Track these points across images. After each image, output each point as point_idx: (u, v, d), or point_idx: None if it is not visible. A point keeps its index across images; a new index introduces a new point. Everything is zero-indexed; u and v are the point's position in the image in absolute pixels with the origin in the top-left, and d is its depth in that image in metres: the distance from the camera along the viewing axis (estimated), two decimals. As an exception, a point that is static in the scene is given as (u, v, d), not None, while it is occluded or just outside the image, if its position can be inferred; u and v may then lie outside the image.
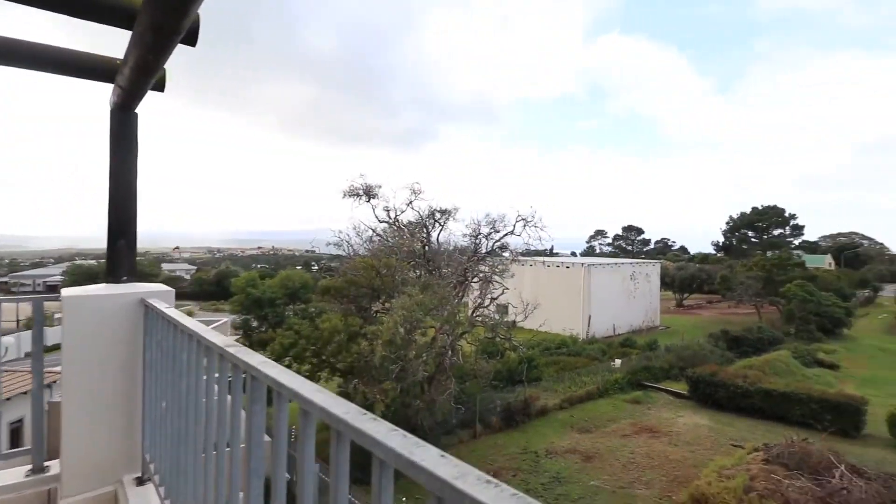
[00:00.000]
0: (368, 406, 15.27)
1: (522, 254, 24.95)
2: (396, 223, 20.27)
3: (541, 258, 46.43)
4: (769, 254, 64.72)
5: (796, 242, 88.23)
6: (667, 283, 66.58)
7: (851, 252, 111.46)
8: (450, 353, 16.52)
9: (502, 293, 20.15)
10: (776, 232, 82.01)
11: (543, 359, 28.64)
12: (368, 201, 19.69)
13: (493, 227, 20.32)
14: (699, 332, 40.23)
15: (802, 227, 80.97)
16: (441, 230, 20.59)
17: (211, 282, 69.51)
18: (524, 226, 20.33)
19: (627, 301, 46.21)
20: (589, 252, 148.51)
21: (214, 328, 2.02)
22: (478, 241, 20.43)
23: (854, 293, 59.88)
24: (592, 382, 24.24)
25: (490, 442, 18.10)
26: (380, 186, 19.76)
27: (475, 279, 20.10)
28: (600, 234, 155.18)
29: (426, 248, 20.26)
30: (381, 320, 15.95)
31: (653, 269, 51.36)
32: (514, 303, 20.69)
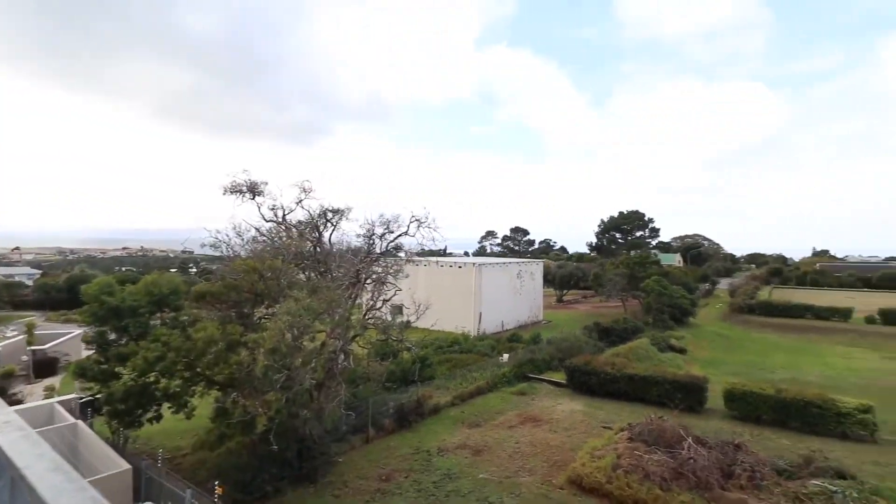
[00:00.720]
0: (250, 421, 14.21)
1: (417, 254, 25.10)
2: (284, 223, 19.14)
3: (435, 258, 47.28)
4: (632, 253, 72.87)
5: (654, 243, 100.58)
6: (549, 280, 71.55)
7: (695, 251, 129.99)
8: (341, 357, 16.00)
9: (395, 294, 20.05)
10: (638, 234, 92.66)
11: (437, 357, 29.11)
12: (253, 198, 18.33)
13: (387, 228, 20.10)
14: (576, 324, 43.85)
15: (658, 229, 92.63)
16: (333, 230, 19.89)
17: (61, 288, 59.90)
18: (418, 226, 20.44)
19: (515, 298, 48.86)
20: (480, 252, 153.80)
21: (60, 343, 1.61)
22: (372, 242, 20.07)
23: (697, 286, 69.80)
24: (483, 378, 25.19)
25: (383, 445, 17.92)
26: (265, 183, 18.49)
27: (368, 280, 19.74)
28: (491, 234, 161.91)
29: (317, 249, 19.43)
30: (264, 327, 14.93)
31: (537, 268, 54.87)
32: (407, 303, 20.71)
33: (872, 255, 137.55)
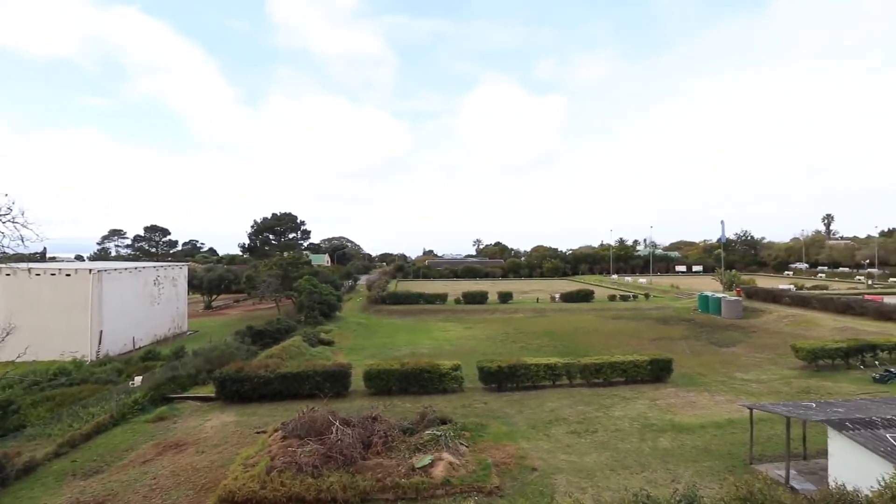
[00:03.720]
0: None
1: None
2: None
3: (24, 264, 35.04)
4: (286, 254, 74.23)
5: (305, 244, 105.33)
6: (195, 285, 64.75)
7: (341, 251, 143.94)
8: None
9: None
10: (291, 235, 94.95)
11: (30, 397, 21.87)
12: None
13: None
14: (227, 330, 41.25)
15: (310, 231, 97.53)
16: None
17: None
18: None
19: (151, 309, 41.80)
20: (102, 255, 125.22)
21: None
22: None
23: (343, 283, 77.43)
24: (104, 411, 20.49)
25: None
26: None
27: None
28: (117, 234, 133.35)
29: None
30: None
31: (180, 273, 48.63)
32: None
33: (458, 254, 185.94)
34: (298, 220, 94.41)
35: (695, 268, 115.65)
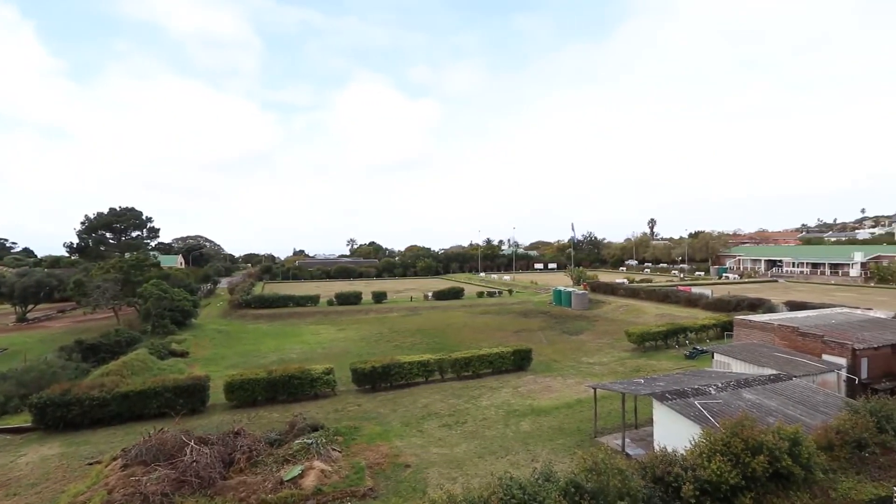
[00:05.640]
0: None
1: None
2: None
3: None
4: (127, 255, 64.85)
5: (153, 244, 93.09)
6: (4, 293, 53.76)
7: (197, 252, 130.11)
8: None
9: None
10: (135, 234, 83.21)
11: None
12: None
13: None
14: (48, 347, 34.88)
15: (158, 229, 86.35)
16: None
17: None
18: None
19: (-68, 325, 33.31)
20: None
21: None
22: None
23: (200, 287, 70.14)
24: None
25: None
26: None
27: None
28: None
29: None
30: None
31: (-23, 279, 39.57)
32: None
33: (331, 254, 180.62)
34: (144, 217, 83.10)
35: (550, 265, 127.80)
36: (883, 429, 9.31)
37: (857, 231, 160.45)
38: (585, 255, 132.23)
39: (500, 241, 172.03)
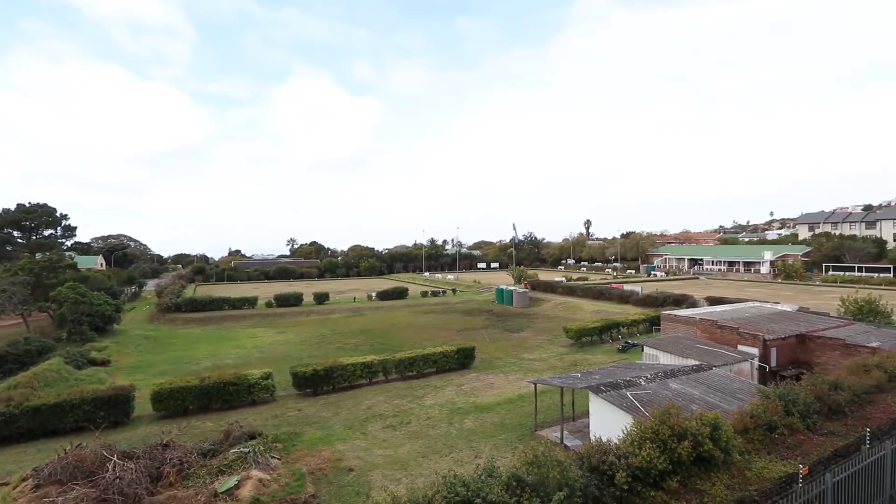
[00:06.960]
0: None
1: None
2: None
3: None
4: (38, 256, 59.12)
5: (69, 244, 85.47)
6: None
7: (121, 252, 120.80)
8: None
9: None
10: (47, 232, 76.08)
11: None
12: None
13: None
14: (-60, 360, 30.88)
15: (75, 227, 79.50)
16: None
17: None
18: None
19: None
20: None
21: None
22: None
23: (123, 290, 65.25)
24: None
25: None
26: None
27: None
28: None
29: None
30: None
31: None
32: None
33: (270, 254, 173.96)
34: (58, 214, 76.16)
35: (493, 264, 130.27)
36: (790, 412, 10.28)
37: (766, 232, 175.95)
38: (526, 254, 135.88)
39: (445, 241, 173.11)
